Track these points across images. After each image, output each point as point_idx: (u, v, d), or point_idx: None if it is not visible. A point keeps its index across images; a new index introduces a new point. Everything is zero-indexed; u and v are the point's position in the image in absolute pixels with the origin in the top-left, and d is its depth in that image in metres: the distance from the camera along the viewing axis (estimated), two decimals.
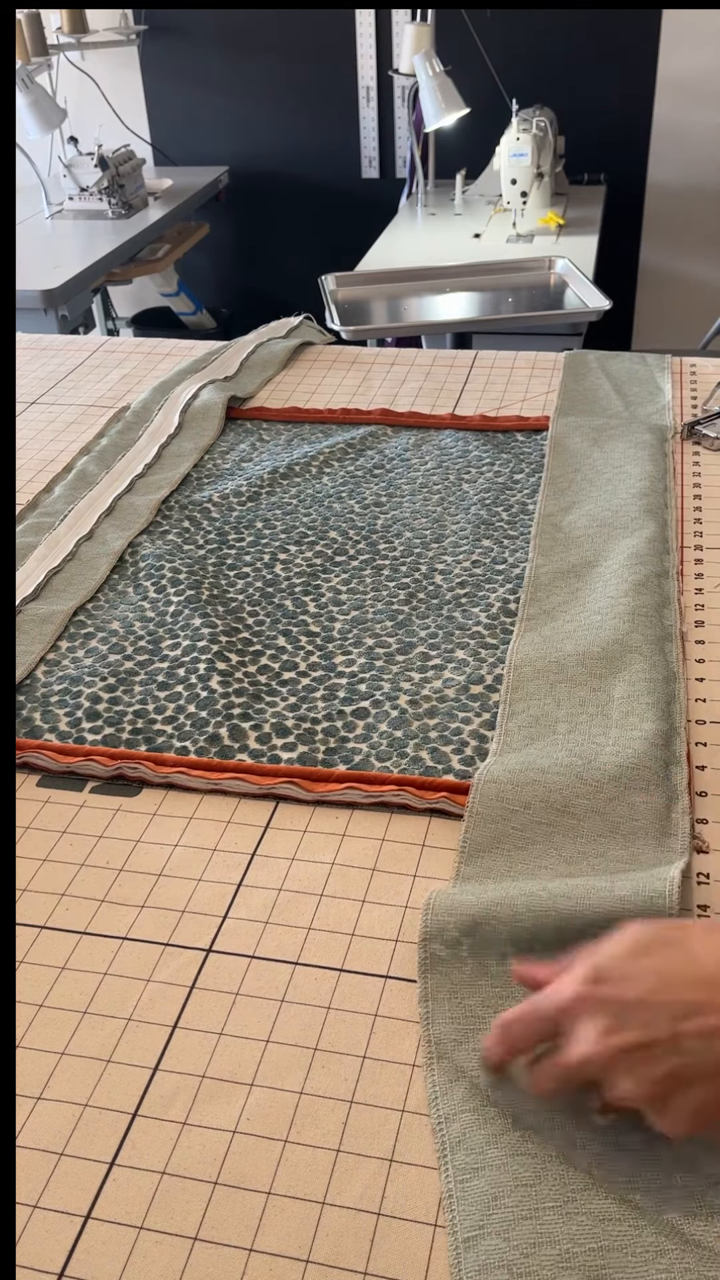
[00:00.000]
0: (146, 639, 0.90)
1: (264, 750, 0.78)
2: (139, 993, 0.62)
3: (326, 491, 1.11)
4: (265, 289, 3.35)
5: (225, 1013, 0.61)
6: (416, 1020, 0.60)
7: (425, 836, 0.71)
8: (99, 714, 0.82)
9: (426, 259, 2.32)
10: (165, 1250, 0.51)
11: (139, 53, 3.09)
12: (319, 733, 0.79)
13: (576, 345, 1.98)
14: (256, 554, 1.01)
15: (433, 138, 2.83)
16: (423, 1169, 0.54)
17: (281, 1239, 0.51)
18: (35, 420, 1.30)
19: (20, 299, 2.26)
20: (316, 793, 0.74)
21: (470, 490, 1.10)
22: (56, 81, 2.94)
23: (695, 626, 0.88)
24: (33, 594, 0.96)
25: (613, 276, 2.94)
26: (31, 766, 0.78)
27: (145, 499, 1.10)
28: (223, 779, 0.75)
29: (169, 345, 1.50)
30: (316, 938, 0.65)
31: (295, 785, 0.74)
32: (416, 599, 0.94)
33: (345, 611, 0.93)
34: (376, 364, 1.40)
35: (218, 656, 0.86)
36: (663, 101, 2.87)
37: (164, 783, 0.76)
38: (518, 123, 2.41)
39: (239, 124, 3.15)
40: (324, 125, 3.09)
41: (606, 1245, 0.48)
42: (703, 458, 1.13)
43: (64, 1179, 0.54)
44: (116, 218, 2.76)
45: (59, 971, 0.64)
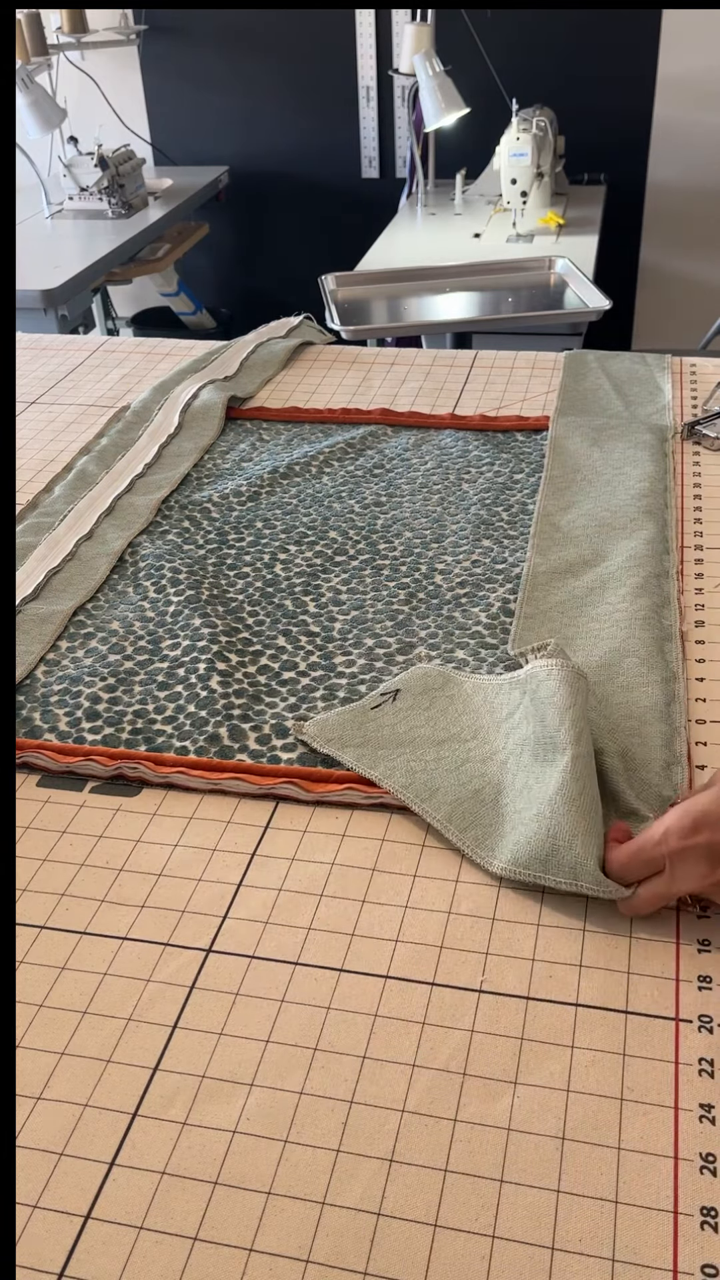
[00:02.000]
0: (146, 639, 0.90)
1: (264, 751, 0.78)
2: (139, 993, 0.62)
3: (326, 491, 1.11)
4: (265, 289, 3.35)
5: (225, 1013, 0.61)
6: (417, 1020, 0.60)
7: (425, 837, 0.71)
8: (99, 714, 0.82)
9: (426, 259, 2.32)
10: (165, 1250, 0.51)
11: (139, 53, 3.09)
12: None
13: (576, 345, 1.98)
14: (256, 554, 1.01)
15: (433, 138, 2.83)
16: (423, 1169, 0.54)
17: (281, 1239, 0.51)
18: (35, 420, 1.30)
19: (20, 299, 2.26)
20: (316, 793, 0.74)
21: (470, 490, 1.10)
22: (56, 81, 2.94)
23: (695, 626, 0.88)
24: (33, 594, 0.96)
25: (613, 276, 2.94)
26: (31, 766, 0.78)
27: (145, 499, 1.10)
28: (222, 779, 0.75)
29: (169, 345, 1.50)
30: (316, 938, 0.65)
31: (295, 785, 0.74)
32: (416, 599, 0.94)
33: (345, 611, 0.93)
34: (376, 364, 1.40)
35: (218, 657, 0.86)
36: (663, 101, 2.87)
37: (164, 783, 0.76)
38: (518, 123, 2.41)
39: (239, 124, 3.15)
40: (324, 125, 3.09)
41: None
42: (703, 458, 1.13)
43: (64, 1179, 0.54)
44: (116, 218, 2.76)
45: (59, 971, 0.64)
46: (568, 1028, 0.59)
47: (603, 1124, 0.55)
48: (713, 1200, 0.51)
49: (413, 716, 0.78)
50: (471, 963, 0.63)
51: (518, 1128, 0.55)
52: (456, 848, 0.70)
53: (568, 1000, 0.61)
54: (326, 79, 3.03)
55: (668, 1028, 0.59)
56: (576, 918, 0.65)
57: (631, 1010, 0.60)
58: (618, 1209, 0.51)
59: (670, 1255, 0.50)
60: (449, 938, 0.65)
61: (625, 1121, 0.55)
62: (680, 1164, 0.53)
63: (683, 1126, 0.54)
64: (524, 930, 0.65)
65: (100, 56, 3.07)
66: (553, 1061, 0.58)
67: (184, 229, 2.96)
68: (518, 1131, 0.55)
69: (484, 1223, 0.51)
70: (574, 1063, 0.57)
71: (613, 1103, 0.56)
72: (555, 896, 0.66)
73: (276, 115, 3.12)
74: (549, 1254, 0.50)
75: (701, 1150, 0.53)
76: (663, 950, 0.63)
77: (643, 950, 0.63)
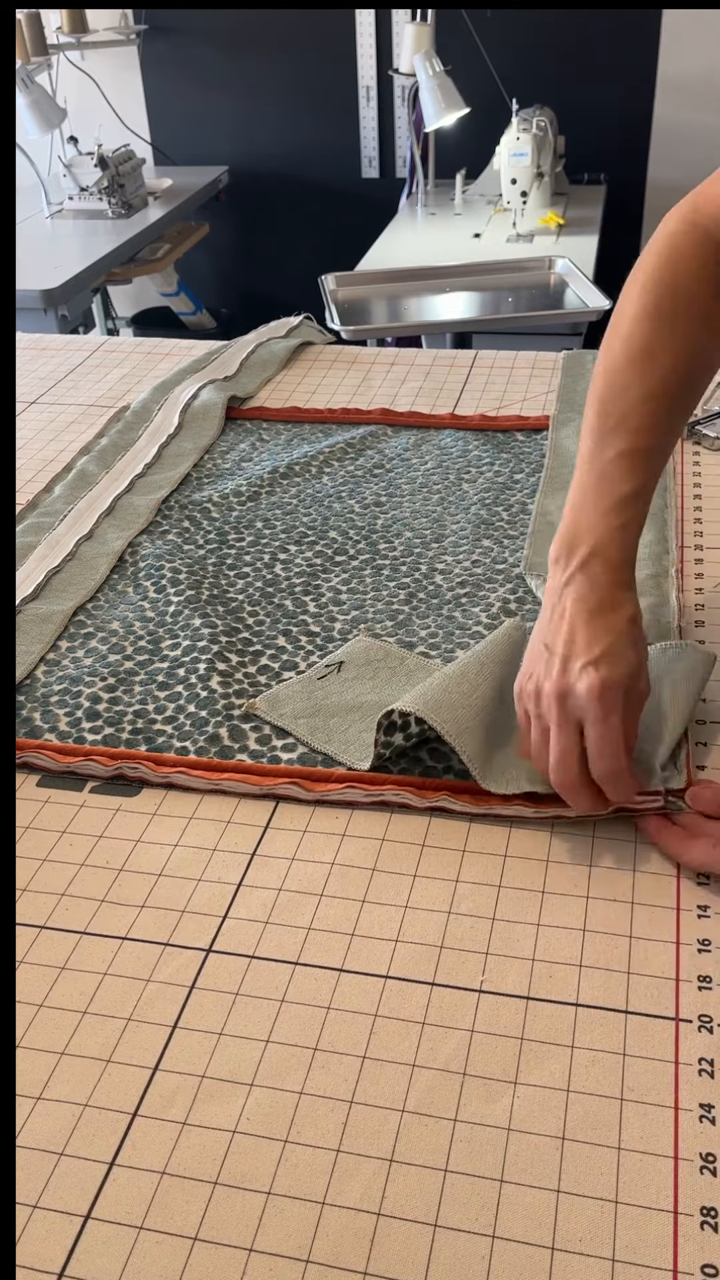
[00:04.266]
0: (146, 639, 0.90)
1: (264, 751, 0.78)
2: (139, 993, 0.62)
3: (326, 491, 1.11)
4: (265, 289, 3.35)
5: (225, 1013, 0.61)
6: (417, 1020, 0.60)
7: (425, 836, 0.71)
8: (99, 714, 0.82)
9: (426, 259, 2.32)
10: (165, 1250, 0.51)
11: (139, 53, 3.09)
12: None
13: (576, 345, 1.98)
14: (256, 554, 1.01)
15: (433, 138, 2.83)
16: (423, 1169, 0.53)
17: (281, 1239, 0.51)
18: (35, 420, 1.30)
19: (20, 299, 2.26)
20: (317, 792, 0.74)
21: (470, 490, 1.10)
22: (56, 81, 2.94)
23: (695, 626, 0.88)
24: (33, 594, 0.96)
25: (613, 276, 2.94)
26: (32, 766, 0.78)
27: (145, 499, 1.10)
28: (223, 779, 0.75)
29: (169, 345, 1.50)
30: (316, 938, 0.65)
31: (296, 785, 0.74)
32: (417, 599, 0.94)
33: (346, 611, 0.93)
34: (376, 364, 1.40)
35: (218, 657, 0.86)
36: (663, 101, 2.87)
37: (164, 783, 0.76)
38: (518, 123, 2.41)
39: (239, 124, 3.15)
40: (324, 125, 3.09)
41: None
42: (703, 458, 1.13)
43: (64, 1179, 0.54)
44: (116, 217, 2.76)
45: (59, 971, 0.64)
46: (568, 1028, 0.59)
47: (603, 1124, 0.55)
48: (713, 1200, 0.51)
49: (357, 685, 0.82)
50: (471, 963, 0.63)
51: (518, 1128, 0.55)
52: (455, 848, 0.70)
53: (568, 1000, 0.61)
54: (326, 79, 3.03)
55: (668, 1028, 0.59)
56: (576, 918, 0.65)
57: (631, 1010, 0.60)
58: (618, 1209, 0.51)
59: (670, 1255, 0.50)
60: (449, 938, 0.65)
61: (625, 1121, 0.55)
62: (680, 1164, 0.53)
63: (683, 1126, 0.54)
64: (524, 930, 0.65)
65: (100, 56, 3.07)
66: (553, 1061, 0.58)
67: (184, 229, 2.96)
68: (518, 1131, 0.55)
69: (484, 1223, 0.51)
70: (574, 1063, 0.57)
71: (613, 1103, 0.56)
72: (555, 896, 0.66)
73: (276, 115, 3.12)
74: (549, 1254, 0.50)
75: (701, 1150, 0.53)
76: (663, 950, 0.63)
77: (643, 950, 0.63)
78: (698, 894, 0.66)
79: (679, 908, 0.65)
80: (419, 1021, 0.60)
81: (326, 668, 0.84)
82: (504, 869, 0.69)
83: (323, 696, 0.81)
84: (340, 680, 0.83)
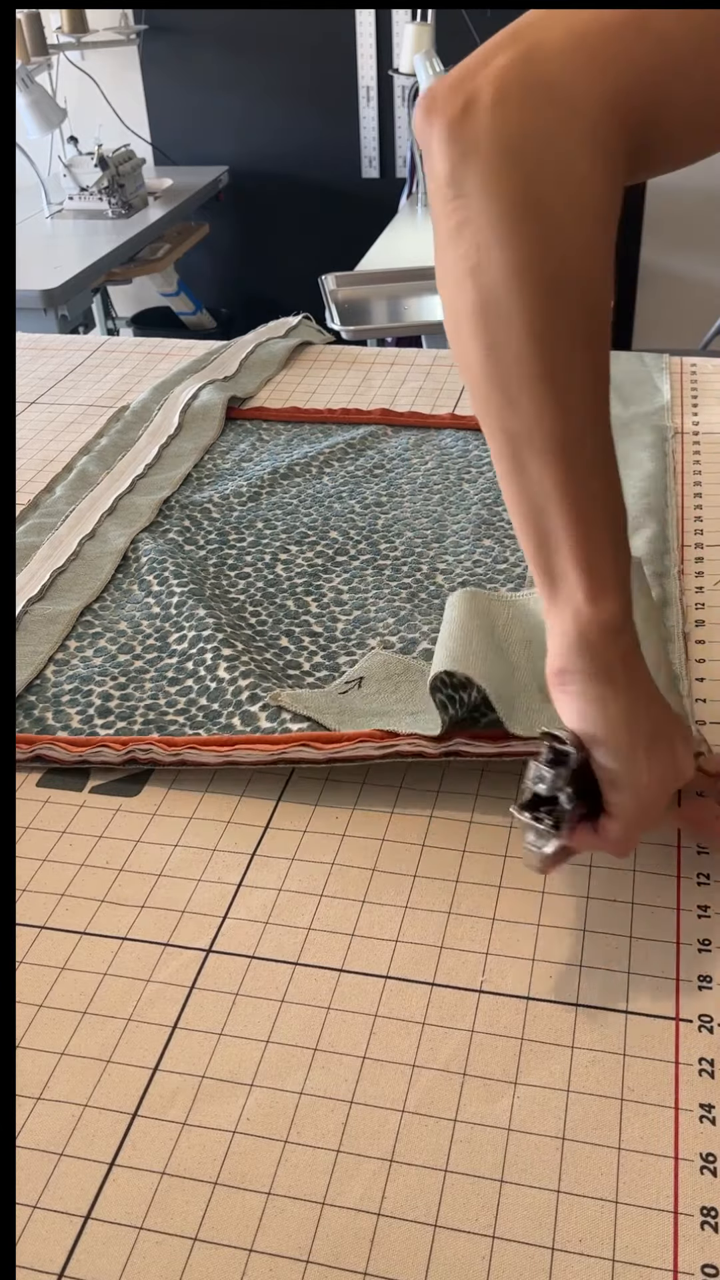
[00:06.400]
0: (154, 636, 0.90)
1: (275, 727, 0.78)
2: (139, 993, 0.62)
3: (327, 491, 1.11)
4: (265, 289, 3.35)
5: (225, 1013, 0.61)
6: (417, 1020, 0.60)
7: (425, 836, 0.71)
8: (110, 710, 0.82)
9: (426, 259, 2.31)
10: (165, 1250, 0.51)
11: (139, 52, 3.09)
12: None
13: None
14: (257, 554, 1.01)
15: None
16: (423, 1169, 0.54)
17: (281, 1239, 0.51)
18: (35, 420, 1.30)
19: (20, 299, 2.26)
20: (329, 750, 0.74)
21: (471, 490, 1.10)
22: (56, 81, 2.94)
23: (696, 626, 0.88)
24: (38, 594, 0.96)
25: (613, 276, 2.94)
26: (45, 759, 0.78)
27: (146, 499, 1.10)
28: (234, 750, 0.75)
29: (169, 345, 1.50)
30: (316, 938, 0.65)
31: (308, 747, 0.74)
32: (418, 599, 0.94)
33: (348, 611, 0.93)
34: (376, 364, 1.40)
35: (224, 644, 0.86)
36: None
37: (176, 761, 0.76)
38: None
39: (239, 124, 3.15)
40: (324, 125, 3.09)
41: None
42: (703, 457, 1.12)
43: (64, 1179, 0.54)
44: (116, 217, 2.76)
45: (59, 971, 0.64)
46: (568, 1028, 0.59)
47: (603, 1124, 0.55)
48: (713, 1200, 0.51)
49: (382, 698, 0.80)
50: (471, 963, 0.63)
51: (518, 1128, 0.55)
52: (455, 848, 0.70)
53: (568, 1000, 0.61)
54: (326, 79, 3.03)
55: (668, 1028, 0.59)
56: (576, 918, 0.65)
57: (631, 1010, 0.60)
58: (618, 1209, 0.51)
59: (670, 1255, 0.50)
60: (449, 938, 0.65)
61: (625, 1121, 0.55)
62: (680, 1164, 0.53)
63: (683, 1126, 0.54)
64: (524, 930, 0.65)
65: (100, 56, 3.07)
66: (553, 1061, 0.58)
67: (184, 229, 2.96)
68: (518, 1131, 0.55)
69: (484, 1223, 0.51)
70: (574, 1063, 0.57)
71: (613, 1103, 0.56)
72: (555, 896, 0.66)
73: (276, 115, 3.12)
74: (549, 1254, 0.50)
75: (701, 1150, 0.53)
76: (663, 950, 0.63)
77: (643, 950, 0.63)
78: (698, 894, 0.66)
79: (679, 908, 0.65)
80: (419, 1022, 0.60)
81: (347, 684, 0.82)
82: (504, 869, 0.69)
83: (347, 703, 0.80)
84: (363, 696, 0.81)
